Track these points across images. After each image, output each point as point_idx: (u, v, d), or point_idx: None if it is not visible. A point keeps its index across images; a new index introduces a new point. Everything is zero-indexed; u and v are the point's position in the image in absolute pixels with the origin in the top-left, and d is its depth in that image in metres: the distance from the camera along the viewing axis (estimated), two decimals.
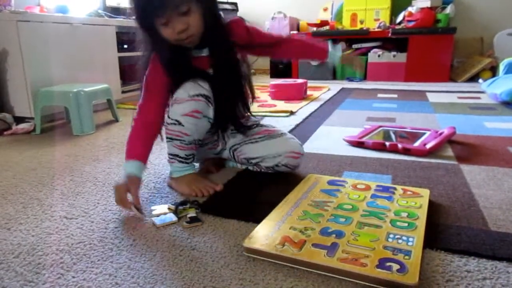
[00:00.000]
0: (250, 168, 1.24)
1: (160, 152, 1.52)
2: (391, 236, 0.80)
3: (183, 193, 1.09)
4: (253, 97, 1.22)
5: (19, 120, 2.00)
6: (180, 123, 1.05)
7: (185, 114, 1.04)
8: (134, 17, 0.99)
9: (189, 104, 1.03)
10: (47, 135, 1.86)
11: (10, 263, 0.78)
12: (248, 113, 1.23)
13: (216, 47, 1.08)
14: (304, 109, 2.38)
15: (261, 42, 1.15)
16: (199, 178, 1.13)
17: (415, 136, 1.62)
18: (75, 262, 0.77)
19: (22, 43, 1.91)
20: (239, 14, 4.12)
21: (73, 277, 0.73)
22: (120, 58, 2.58)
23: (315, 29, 4.03)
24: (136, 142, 1.05)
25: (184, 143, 1.08)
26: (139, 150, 1.04)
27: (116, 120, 2.14)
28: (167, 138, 1.10)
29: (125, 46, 2.71)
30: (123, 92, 2.66)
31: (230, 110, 1.15)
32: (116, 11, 2.79)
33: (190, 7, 0.96)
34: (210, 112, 1.08)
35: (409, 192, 1.02)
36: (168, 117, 1.07)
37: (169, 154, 1.12)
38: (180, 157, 1.11)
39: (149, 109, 1.08)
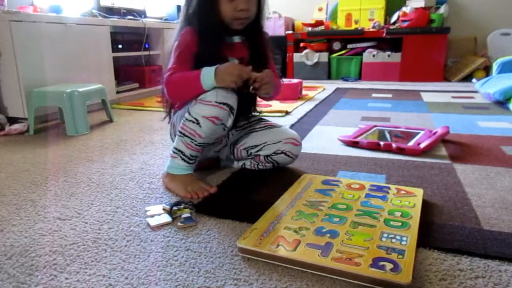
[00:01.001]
0: (248, 164, 1.24)
1: (154, 153, 1.52)
2: (385, 235, 0.80)
3: (177, 194, 1.09)
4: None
5: (12, 120, 1.99)
6: (198, 123, 1.05)
7: (205, 117, 1.04)
8: None
9: (213, 109, 1.03)
10: (40, 136, 1.85)
11: (3, 264, 0.77)
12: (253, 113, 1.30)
13: (254, 37, 1.16)
14: (299, 109, 2.38)
15: (267, 56, 1.21)
16: (195, 180, 1.12)
17: (409, 135, 1.63)
18: (69, 264, 0.77)
19: (16, 43, 1.89)
20: None
21: (66, 278, 0.72)
22: (114, 58, 2.57)
23: (310, 29, 4.04)
24: (194, 71, 1.06)
25: (194, 143, 1.08)
26: (198, 70, 1.04)
27: (111, 121, 2.13)
28: (179, 132, 1.09)
29: (120, 46, 2.70)
30: (117, 92, 2.65)
31: (246, 103, 1.19)
32: (110, 11, 2.77)
33: None
34: (229, 122, 1.09)
35: (403, 192, 1.02)
36: (189, 113, 1.07)
37: (175, 148, 1.11)
38: (184, 155, 1.10)
39: (183, 70, 1.09)
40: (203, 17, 1.07)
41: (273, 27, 4.11)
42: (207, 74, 1.02)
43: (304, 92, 2.93)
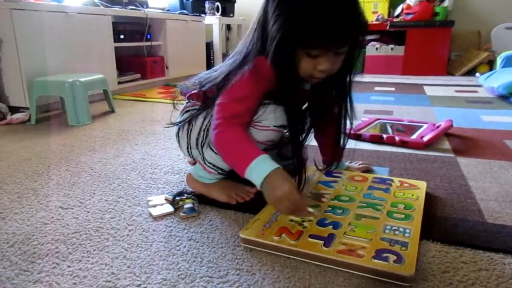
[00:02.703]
0: None
1: (156, 143, 1.52)
2: (388, 227, 0.80)
3: (220, 200, 0.98)
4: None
5: (14, 110, 1.98)
6: None
7: (260, 142, 0.92)
8: (281, 24, 0.79)
9: (270, 134, 0.91)
10: (42, 125, 1.84)
11: (5, 252, 0.77)
12: None
13: (324, 91, 0.97)
14: None
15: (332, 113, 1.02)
16: (233, 184, 1.02)
17: (412, 129, 1.62)
18: (71, 252, 0.77)
19: (17, 32, 1.88)
20: (236, 5, 4.08)
21: (69, 266, 0.72)
22: (116, 49, 2.55)
23: None
24: (251, 143, 0.87)
25: None
26: (257, 148, 0.86)
27: (112, 111, 2.13)
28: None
29: (121, 36, 2.68)
30: (119, 83, 2.64)
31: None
32: (112, 1, 2.75)
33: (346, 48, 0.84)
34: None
35: (406, 184, 1.02)
36: None
37: (213, 165, 0.97)
38: (223, 170, 0.99)
39: (249, 115, 0.90)
40: (279, 66, 0.84)
41: None
42: (258, 172, 0.81)
43: None
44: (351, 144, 1.47)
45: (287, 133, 0.94)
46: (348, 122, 1.01)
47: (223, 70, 0.94)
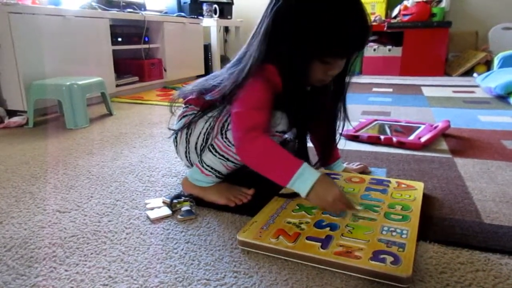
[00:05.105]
0: None
1: (154, 146, 1.52)
2: (385, 228, 0.80)
3: (218, 203, 0.97)
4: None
5: (11, 113, 1.98)
6: None
7: None
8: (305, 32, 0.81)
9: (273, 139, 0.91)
10: (40, 129, 1.84)
11: (2, 256, 0.77)
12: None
13: (317, 92, 0.98)
14: None
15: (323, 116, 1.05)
16: (230, 186, 1.02)
17: (409, 129, 1.62)
18: (68, 256, 0.77)
19: (14, 36, 1.88)
20: (234, 8, 4.09)
21: (66, 270, 0.72)
22: (114, 52, 2.56)
23: None
24: (286, 152, 0.86)
25: (237, 166, 0.98)
26: (294, 157, 0.86)
27: (110, 114, 2.13)
28: (222, 156, 0.95)
29: (119, 39, 2.68)
30: (117, 85, 2.64)
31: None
32: (109, 4, 2.75)
33: None
34: None
35: (403, 185, 1.02)
36: None
37: (211, 168, 0.98)
38: (221, 174, 0.99)
39: (268, 124, 0.91)
40: (293, 76, 0.87)
41: None
42: (303, 181, 0.83)
43: None
44: (349, 145, 1.47)
45: (289, 138, 0.95)
46: (344, 121, 1.05)
47: (229, 79, 0.92)
